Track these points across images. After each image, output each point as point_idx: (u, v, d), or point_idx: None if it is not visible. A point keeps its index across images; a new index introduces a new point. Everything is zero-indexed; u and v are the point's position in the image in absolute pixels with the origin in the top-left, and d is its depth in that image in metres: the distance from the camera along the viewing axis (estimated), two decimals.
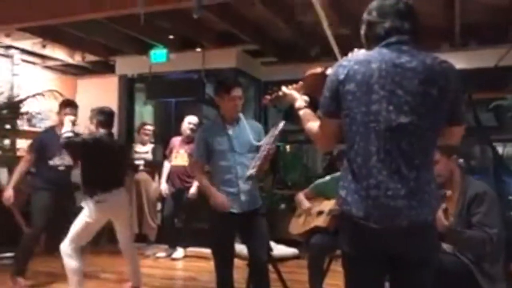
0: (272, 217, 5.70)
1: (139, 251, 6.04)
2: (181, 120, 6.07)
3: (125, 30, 6.02)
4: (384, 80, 1.73)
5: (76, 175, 4.55)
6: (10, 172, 6.79)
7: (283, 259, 3.98)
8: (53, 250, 4.38)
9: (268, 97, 2.43)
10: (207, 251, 6.13)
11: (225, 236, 3.31)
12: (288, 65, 6.50)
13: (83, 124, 4.63)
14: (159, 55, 6.44)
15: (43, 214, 4.54)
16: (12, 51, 7.05)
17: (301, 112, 2.07)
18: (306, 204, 3.97)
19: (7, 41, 6.58)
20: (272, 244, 3.85)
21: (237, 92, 3.30)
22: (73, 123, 4.23)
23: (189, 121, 6.03)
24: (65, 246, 3.86)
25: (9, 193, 4.50)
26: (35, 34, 6.19)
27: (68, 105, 4.57)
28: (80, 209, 4.01)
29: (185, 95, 6.74)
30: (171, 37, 6.44)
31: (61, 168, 4.61)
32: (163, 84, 6.91)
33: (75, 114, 4.44)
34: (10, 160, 6.70)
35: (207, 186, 3.29)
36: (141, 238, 6.23)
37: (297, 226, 4.02)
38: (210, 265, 3.46)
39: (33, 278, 4.73)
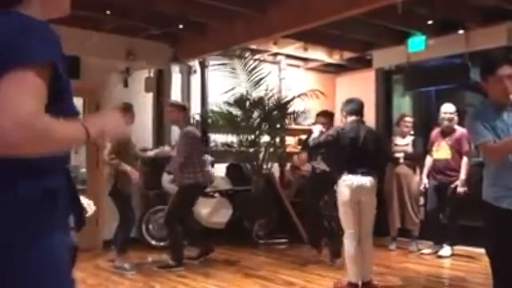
0: None
1: (402, 246, 5.96)
2: None
3: (382, 22, 5.99)
4: None
5: None
6: (281, 167, 7.54)
7: None
8: None
9: None
10: (477, 250, 5.65)
11: (504, 236, 2.87)
12: None
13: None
14: (416, 43, 6.18)
15: None
16: (279, 58, 7.80)
17: None
18: None
19: (275, 49, 7.30)
20: None
21: (505, 70, 2.72)
22: (322, 132, 4.44)
23: (445, 111, 5.62)
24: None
25: None
26: (298, 39, 6.69)
27: (321, 114, 5.31)
28: None
29: (446, 82, 6.29)
30: (429, 22, 6.11)
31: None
32: (422, 73, 6.60)
33: (327, 123, 4.88)
34: (281, 156, 7.45)
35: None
36: (404, 233, 6.09)
37: None
38: (482, 266, 3.12)
39: None
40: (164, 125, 6.83)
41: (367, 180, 4.11)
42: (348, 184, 4.07)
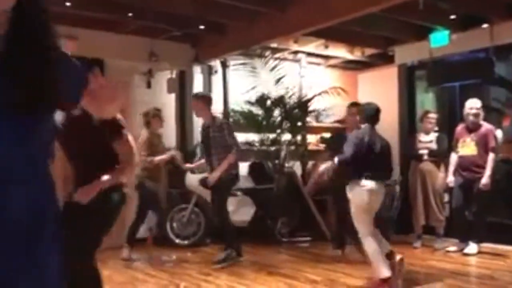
0: None
1: (427, 244, 5.90)
2: None
3: (403, 17, 5.93)
4: None
5: None
6: (303, 165, 7.53)
7: None
8: None
9: None
10: (505, 247, 5.55)
11: None
12: None
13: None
14: (439, 38, 6.09)
15: None
16: (299, 55, 7.78)
17: None
18: None
19: (295, 47, 7.30)
20: None
21: None
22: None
23: (470, 106, 5.53)
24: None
25: None
26: (318, 36, 6.67)
27: (353, 106, 5.28)
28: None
29: (471, 77, 6.19)
30: (452, 17, 6.02)
31: None
32: (445, 68, 6.50)
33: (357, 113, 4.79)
34: (302, 154, 7.45)
35: None
36: (428, 230, 6.03)
37: None
38: (509, 263, 3.07)
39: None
40: (187, 126, 6.89)
41: (381, 185, 4.18)
42: (368, 189, 4.08)
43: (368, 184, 4.08)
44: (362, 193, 4.09)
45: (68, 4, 5.01)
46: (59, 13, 4.83)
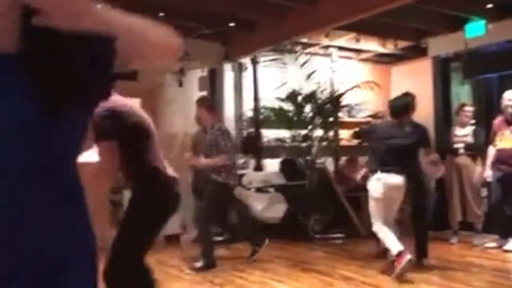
0: None
1: (465, 240, 5.76)
2: None
3: (437, 8, 5.79)
4: None
5: None
6: (336, 161, 7.47)
7: None
8: None
9: None
10: None
11: None
12: None
13: None
14: (475, 28, 5.93)
15: None
16: (330, 50, 7.71)
17: None
18: None
19: (326, 41, 7.23)
20: None
21: None
22: None
23: (509, 98, 5.36)
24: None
25: None
26: (350, 30, 6.59)
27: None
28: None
29: (508, 68, 6.00)
30: (489, 6, 5.84)
31: None
32: (482, 59, 6.32)
33: None
34: (334, 149, 7.39)
35: None
36: (466, 226, 5.88)
37: None
38: None
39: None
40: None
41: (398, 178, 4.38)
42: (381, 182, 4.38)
43: (382, 177, 4.34)
44: (375, 185, 4.39)
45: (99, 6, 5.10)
46: None
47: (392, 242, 4.28)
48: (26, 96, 0.94)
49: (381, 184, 4.36)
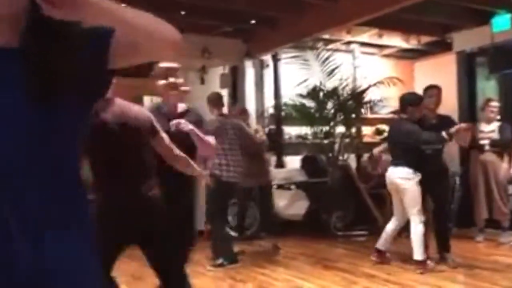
0: None
1: (491, 238, 5.66)
2: None
3: (462, 2, 5.68)
4: None
5: None
6: (358, 158, 7.41)
7: None
8: None
9: None
10: None
11: None
12: None
13: None
14: (501, 22, 5.80)
15: None
16: (352, 46, 7.64)
17: None
18: None
19: (348, 37, 7.17)
20: None
21: None
22: None
23: None
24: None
25: None
26: (372, 25, 6.52)
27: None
28: None
29: None
30: None
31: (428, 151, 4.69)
32: (508, 54, 6.17)
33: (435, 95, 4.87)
34: (357, 146, 7.33)
35: None
36: (493, 224, 5.77)
37: None
38: None
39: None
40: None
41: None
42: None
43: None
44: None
45: (122, 5, 5.16)
46: None
47: (418, 247, 4.42)
48: (26, 89, 0.93)
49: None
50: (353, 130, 7.17)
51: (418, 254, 4.39)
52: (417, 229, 4.40)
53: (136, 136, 2.41)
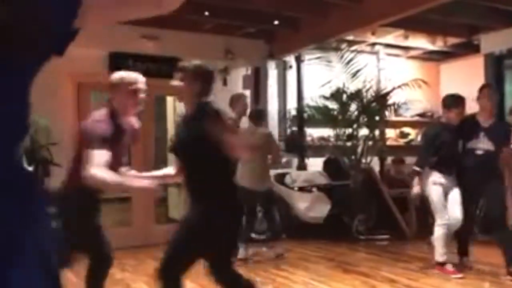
0: None
1: None
2: None
3: (490, 3, 5.55)
4: None
5: None
6: (382, 161, 7.31)
7: None
8: None
9: None
10: None
11: None
12: None
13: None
14: None
15: None
16: (377, 47, 7.55)
17: None
18: None
19: (372, 39, 7.08)
20: None
21: None
22: None
23: None
24: None
25: None
26: (397, 26, 6.42)
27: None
28: None
29: None
30: None
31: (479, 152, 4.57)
32: None
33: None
34: (380, 149, 7.22)
35: None
36: None
37: None
38: None
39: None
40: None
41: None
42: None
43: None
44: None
45: None
46: None
47: (439, 249, 4.52)
48: None
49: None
50: (377, 132, 7.07)
51: (437, 255, 4.48)
52: (438, 232, 4.46)
53: None
